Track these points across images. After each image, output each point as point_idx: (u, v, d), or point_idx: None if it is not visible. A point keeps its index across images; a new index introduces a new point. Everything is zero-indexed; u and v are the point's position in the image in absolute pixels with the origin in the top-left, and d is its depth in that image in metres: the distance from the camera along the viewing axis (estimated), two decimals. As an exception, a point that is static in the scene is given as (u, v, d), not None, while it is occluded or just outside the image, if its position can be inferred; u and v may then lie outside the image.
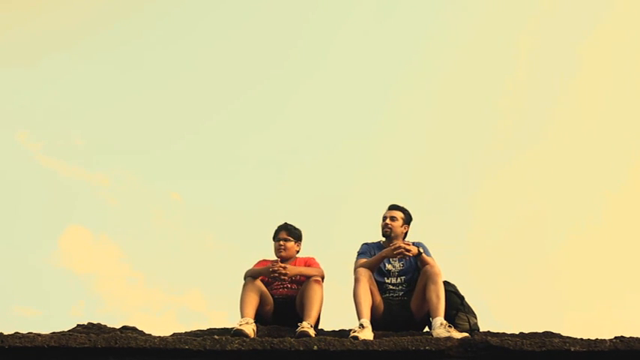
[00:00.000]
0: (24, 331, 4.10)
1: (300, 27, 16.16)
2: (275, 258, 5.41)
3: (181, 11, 15.88)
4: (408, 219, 5.46)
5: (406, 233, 5.46)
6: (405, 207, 5.51)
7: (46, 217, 14.00)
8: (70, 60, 15.59)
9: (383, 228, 5.41)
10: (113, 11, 15.42)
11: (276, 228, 5.51)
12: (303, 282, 5.05)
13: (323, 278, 5.10)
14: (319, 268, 5.22)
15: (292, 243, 5.41)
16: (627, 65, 15.37)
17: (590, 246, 14.71)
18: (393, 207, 5.49)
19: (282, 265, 5.06)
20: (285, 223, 5.50)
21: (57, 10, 14.91)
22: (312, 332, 4.46)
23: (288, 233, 5.43)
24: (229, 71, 15.77)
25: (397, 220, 5.40)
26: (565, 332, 4.50)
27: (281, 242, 5.39)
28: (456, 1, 16.12)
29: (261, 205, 14.27)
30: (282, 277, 5.06)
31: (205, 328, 4.80)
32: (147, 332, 4.48)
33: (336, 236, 12.18)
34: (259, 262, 5.35)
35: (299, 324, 4.58)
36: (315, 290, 4.89)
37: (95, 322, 4.63)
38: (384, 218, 5.43)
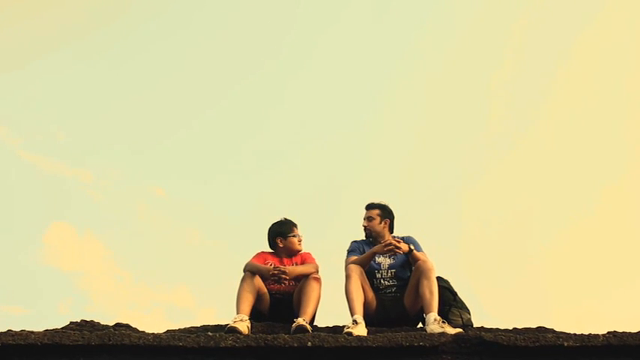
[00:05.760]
0: (17, 328, 4.09)
1: (289, 25, 16.15)
2: (271, 250, 5.42)
3: (170, 9, 15.86)
4: (385, 214, 5.46)
5: (392, 227, 5.47)
6: (383, 202, 5.52)
7: (29, 214, 13.94)
8: (54, 58, 15.55)
9: (364, 229, 5.45)
10: (100, 10, 15.38)
11: (280, 224, 5.44)
12: (300, 278, 5.06)
13: (317, 271, 5.11)
14: (315, 263, 5.23)
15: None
16: (615, 63, 15.47)
17: (581, 242, 14.81)
18: (368, 206, 5.52)
19: (283, 269, 5.04)
20: (288, 218, 5.49)
21: (42, 11, 14.86)
22: (309, 328, 4.47)
23: (298, 228, 5.44)
24: (217, 69, 15.76)
25: (374, 219, 5.42)
26: (558, 327, 4.52)
27: (301, 237, 5.40)
28: (446, 1, 16.17)
29: (247, 201, 14.30)
30: (283, 282, 5.06)
31: (199, 325, 4.79)
32: (140, 329, 4.46)
33: (328, 233, 12.20)
34: (258, 255, 5.33)
35: (295, 319, 4.58)
36: (313, 288, 4.89)
37: (88, 320, 4.61)
38: (363, 219, 5.47)
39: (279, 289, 5.12)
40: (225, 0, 15.97)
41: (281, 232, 5.39)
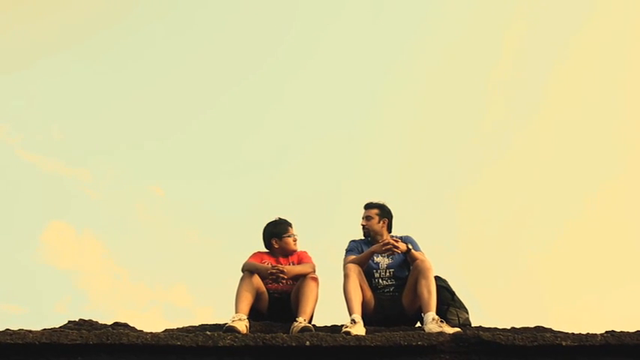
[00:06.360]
0: (15, 327, 4.08)
1: (288, 26, 16.15)
2: (266, 250, 5.41)
3: (169, 10, 15.86)
4: (384, 214, 5.47)
5: (390, 226, 5.48)
6: (382, 202, 5.52)
7: (28, 213, 13.93)
8: (53, 58, 15.55)
9: (362, 229, 5.45)
10: (99, 12, 15.38)
11: (274, 224, 5.43)
12: (298, 278, 5.05)
13: (314, 271, 5.12)
14: (312, 262, 5.23)
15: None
16: (612, 64, 15.50)
17: (579, 241, 14.83)
18: (366, 206, 5.53)
19: (281, 268, 5.04)
20: (283, 218, 5.48)
21: (42, 12, 14.87)
22: (312, 328, 4.47)
23: (293, 228, 5.43)
24: (216, 69, 15.76)
25: (372, 218, 5.43)
26: (556, 327, 4.52)
27: (296, 236, 5.39)
28: (443, 1, 16.18)
29: (246, 201, 14.30)
30: (281, 281, 5.06)
31: (197, 324, 4.78)
32: (138, 329, 4.46)
33: (326, 233, 12.22)
34: (255, 255, 5.33)
35: (297, 319, 4.58)
36: (311, 287, 4.88)
37: (86, 319, 4.61)
38: (362, 218, 5.47)
39: (277, 288, 5.12)
40: (224, 0, 15.98)
41: (276, 232, 5.38)
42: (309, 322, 4.71)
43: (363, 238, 5.49)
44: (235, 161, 15.47)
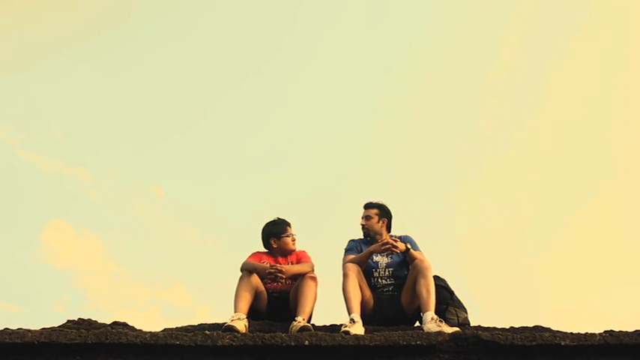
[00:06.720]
0: (13, 326, 4.08)
1: (288, 26, 16.16)
2: (265, 250, 5.42)
3: (170, 11, 15.87)
4: (383, 213, 5.48)
5: (389, 226, 5.48)
6: (381, 202, 5.53)
7: (27, 212, 13.94)
8: (54, 59, 15.56)
9: (362, 228, 5.46)
10: (100, 14, 15.40)
11: (273, 225, 5.43)
12: (297, 277, 5.05)
13: (313, 270, 5.12)
14: (310, 262, 5.24)
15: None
16: (610, 64, 15.50)
17: (578, 241, 14.83)
18: (366, 205, 5.54)
19: (279, 267, 5.04)
20: (281, 218, 5.48)
21: (43, 14, 14.88)
22: (311, 327, 4.47)
23: (291, 227, 5.43)
24: (217, 69, 15.76)
25: (372, 218, 5.44)
26: (555, 326, 4.53)
27: (294, 236, 5.39)
28: (443, 2, 16.19)
29: (245, 201, 14.31)
30: (279, 280, 5.06)
31: (196, 324, 4.78)
32: (137, 328, 4.45)
33: (326, 232, 12.22)
34: (253, 255, 5.33)
35: (295, 318, 4.59)
36: (310, 287, 4.89)
37: (85, 318, 4.61)
38: (361, 218, 5.48)
39: (276, 287, 5.12)
40: (224, 1, 15.98)
41: (274, 232, 5.39)
42: (308, 321, 4.71)
43: (362, 237, 5.49)
44: (235, 161, 15.49)
